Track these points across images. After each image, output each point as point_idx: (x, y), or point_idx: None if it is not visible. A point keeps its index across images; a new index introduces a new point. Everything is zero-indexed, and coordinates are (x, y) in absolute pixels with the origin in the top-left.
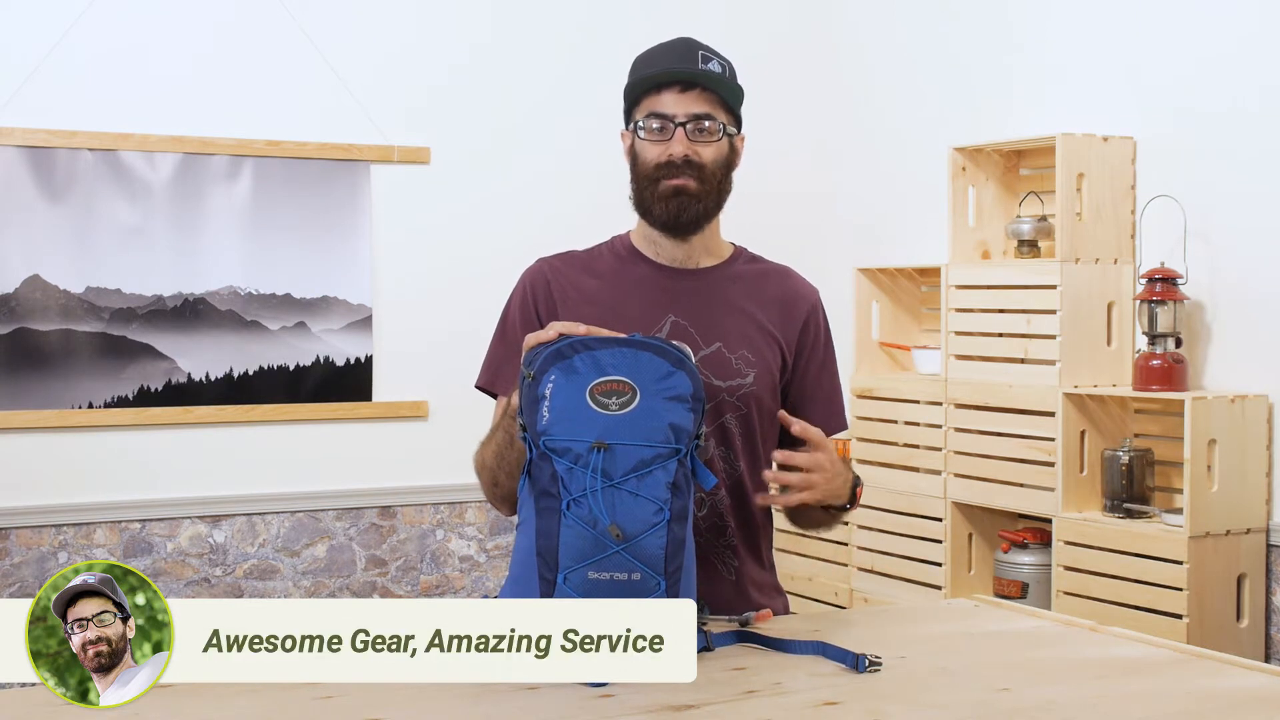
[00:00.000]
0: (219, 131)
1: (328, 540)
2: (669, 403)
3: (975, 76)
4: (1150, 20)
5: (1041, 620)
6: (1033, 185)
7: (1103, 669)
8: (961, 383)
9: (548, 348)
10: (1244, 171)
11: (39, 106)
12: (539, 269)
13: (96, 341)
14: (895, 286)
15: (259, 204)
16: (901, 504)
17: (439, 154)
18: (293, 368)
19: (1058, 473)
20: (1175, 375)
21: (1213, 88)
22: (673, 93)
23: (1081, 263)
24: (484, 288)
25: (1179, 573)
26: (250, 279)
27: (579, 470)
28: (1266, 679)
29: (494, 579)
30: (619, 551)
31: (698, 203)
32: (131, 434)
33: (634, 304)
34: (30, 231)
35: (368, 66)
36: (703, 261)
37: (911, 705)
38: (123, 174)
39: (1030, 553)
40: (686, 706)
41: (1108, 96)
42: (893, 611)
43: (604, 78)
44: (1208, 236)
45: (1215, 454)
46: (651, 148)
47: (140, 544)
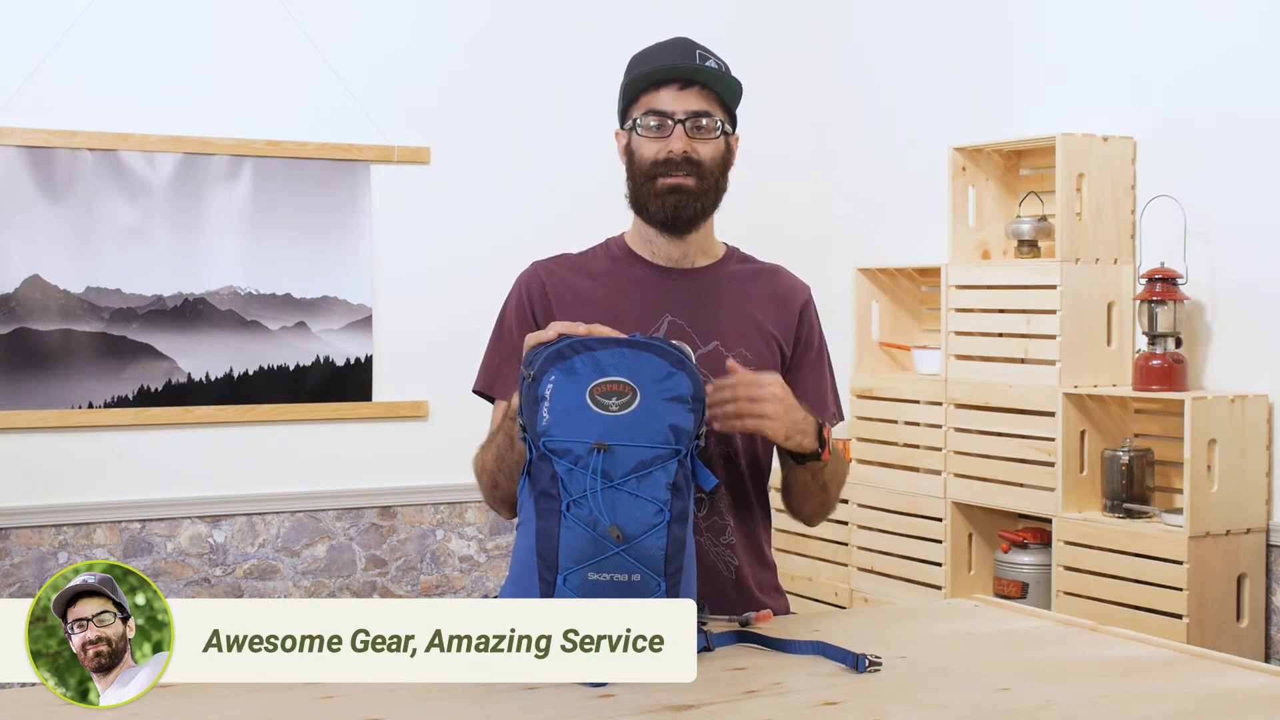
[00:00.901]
0: (219, 131)
1: (328, 540)
2: (669, 403)
3: (975, 76)
4: (1150, 21)
5: (1041, 620)
6: (1033, 185)
7: (1103, 669)
8: (961, 383)
9: (548, 348)
10: (1244, 171)
11: (39, 106)
12: (533, 271)
13: (96, 341)
14: (895, 286)
15: (259, 204)
16: (901, 504)
17: (439, 154)
18: (293, 368)
19: (1058, 473)
20: (1175, 375)
21: (1213, 88)
22: (671, 90)
23: (1081, 263)
24: (484, 288)
25: (1179, 573)
26: (250, 279)
27: (579, 471)
28: (1266, 679)
29: (494, 579)
30: (619, 552)
31: (695, 200)
32: (131, 434)
33: (630, 304)
34: (30, 231)
35: (368, 66)
36: (698, 261)
37: (911, 705)
38: (123, 174)
39: (1030, 553)
40: (686, 706)
41: (1108, 96)
42: (893, 611)
43: (604, 78)
44: (1208, 236)
45: (1215, 454)
46: (649, 145)
47: (140, 544)
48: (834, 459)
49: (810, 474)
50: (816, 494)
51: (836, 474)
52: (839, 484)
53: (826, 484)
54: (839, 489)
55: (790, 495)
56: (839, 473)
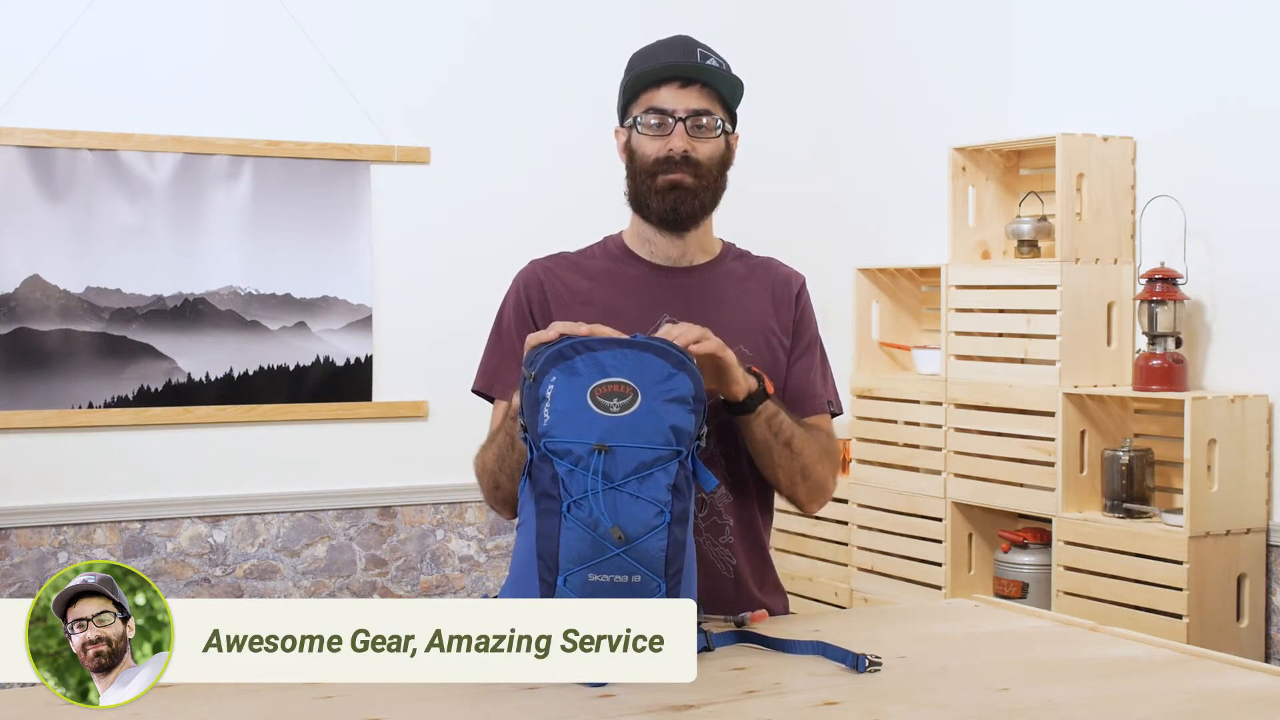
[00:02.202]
0: (219, 131)
1: (328, 540)
2: (670, 404)
3: (975, 76)
4: (1150, 20)
5: (1041, 620)
6: (1033, 185)
7: (1103, 669)
8: (961, 383)
9: (549, 348)
10: (1244, 171)
11: (39, 106)
12: (531, 271)
13: (96, 341)
14: (895, 286)
15: (259, 204)
16: (901, 504)
17: (439, 154)
18: (293, 368)
19: (1058, 473)
20: (1175, 375)
21: (1212, 88)
22: (672, 88)
23: (1081, 263)
24: (484, 288)
25: (1179, 573)
26: (250, 279)
27: (580, 472)
28: (1266, 679)
29: (494, 579)
30: (619, 554)
31: (695, 198)
32: (131, 434)
33: (628, 303)
34: (30, 231)
35: (368, 66)
36: (696, 259)
37: (911, 705)
38: (123, 174)
39: (1030, 553)
40: (686, 706)
41: (1108, 96)
42: (893, 611)
43: (604, 78)
44: (1208, 236)
45: (1215, 454)
46: (650, 142)
47: (140, 544)
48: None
49: (765, 425)
50: (783, 455)
51: (804, 437)
52: (815, 456)
53: (790, 441)
54: (818, 465)
55: (761, 463)
56: (810, 440)
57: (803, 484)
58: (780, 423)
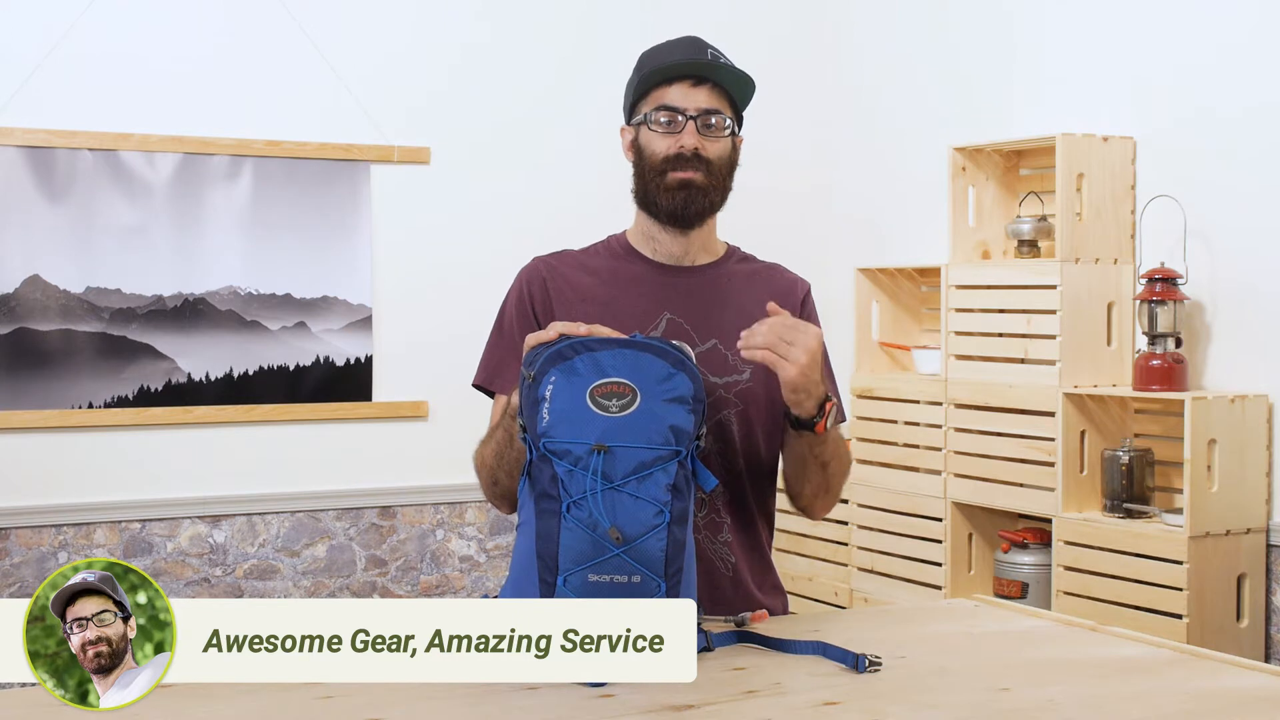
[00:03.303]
0: (219, 131)
1: (328, 540)
2: (669, 404)
3: (975, 76)
4: (1150, 21)
5: (1041, 620)
6: (1033, 185)
7: (1103, 669)
8: (961, 383)
9: (548, 348)
10: (1244, 171)
11: (39, 106)
12: (535, 267)
13: (96, 341)
14: (895, 286)
15: (259, 204)
16: (901, 504)
17: (439, 154)
18: (293, 368)
19: (1058, 473)
20: (1175, 375)
21: (1212, 88)
22: (683, 87)
23: (1081, 263)
24: (484, 288)
25: (1179, 573)
26: (250, 279)
27: (579, 472)
28: (1266, 679)
29: (494, 579)
30: (619, 554)
31: (705, 196)
32: (131, 434)
33: (630, 301)
34: (30, 231)
35: (368, 67)
36: (699, 259)
37: (911, 705)
38: (123, 174)
39: (1030, 553)
40: (686, 706)
41: (1108, 96)
42: (893, 611)
43: (604, 78)
44: (1208, 236)
45: (1215, 454)
46: (660, 140)
47: (140, 544)
48: (835, 443)
49: (808, 446)
50: (815, 473)
51: (838, 457)
52: (840, 473)
53: (826, 464)
54: (840, 480)
55: (789, 470)
56: (841, 459)
57: (823, 498)
58: (824, 446)
